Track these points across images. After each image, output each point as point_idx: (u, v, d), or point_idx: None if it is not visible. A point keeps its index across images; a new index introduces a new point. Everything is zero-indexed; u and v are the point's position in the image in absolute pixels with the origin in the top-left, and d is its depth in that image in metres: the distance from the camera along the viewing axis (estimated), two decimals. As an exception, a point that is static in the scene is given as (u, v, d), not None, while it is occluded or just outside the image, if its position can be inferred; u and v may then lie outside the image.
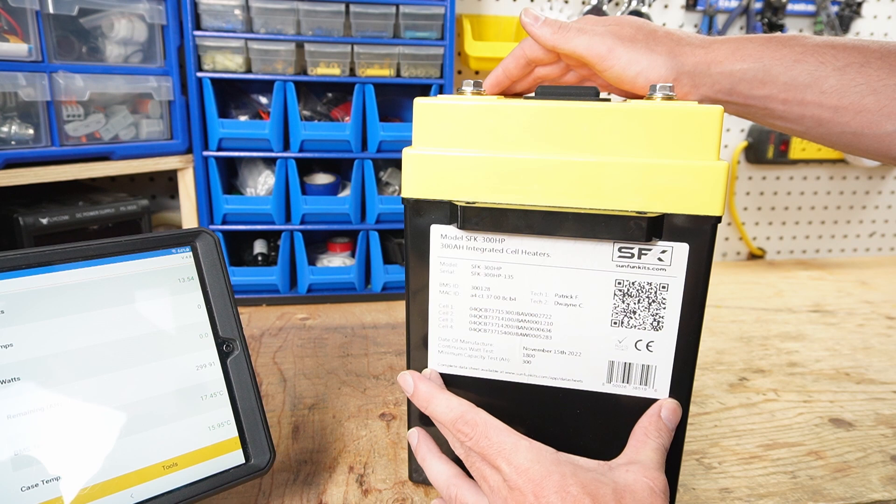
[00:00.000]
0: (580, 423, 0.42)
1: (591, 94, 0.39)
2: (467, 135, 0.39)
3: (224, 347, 0.42)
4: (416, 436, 0.44)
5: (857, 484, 0.48)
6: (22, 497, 0.34)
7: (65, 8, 0.68)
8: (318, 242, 0.94)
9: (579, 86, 0.39)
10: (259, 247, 0.90)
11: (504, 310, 0.41)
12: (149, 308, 0.40)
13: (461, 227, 0.39)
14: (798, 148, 1.11)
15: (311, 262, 0.89)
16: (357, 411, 0.57)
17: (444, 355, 0.43)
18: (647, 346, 0.40)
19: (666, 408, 0.39)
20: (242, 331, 0.43)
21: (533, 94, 0.42)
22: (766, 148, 1.11)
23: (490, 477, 0.37)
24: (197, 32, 0.77)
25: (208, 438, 0.40)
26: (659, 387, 0.40)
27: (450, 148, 0.39)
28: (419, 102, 0.39)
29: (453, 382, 0.43)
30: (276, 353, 0.69)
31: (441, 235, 0.41)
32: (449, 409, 0.39)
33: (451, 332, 0.43)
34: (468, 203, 0.39)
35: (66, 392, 0.36)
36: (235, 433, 0.41)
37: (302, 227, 0.85)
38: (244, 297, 0.85)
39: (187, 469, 0.39)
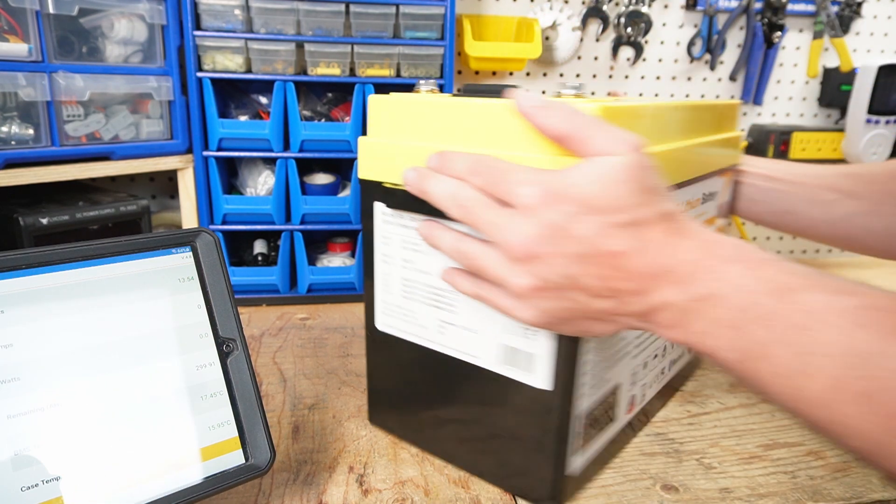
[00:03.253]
0: (479, 400, 0.45)
1: (499, 91, 0.42)
2: (402, 126, 0.44)
3: (224, 347, 0.42)
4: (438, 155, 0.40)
5: (857, 484, 0.48)
6: (22, 497, 0.34)
7: (65, 8, 0.68)
8: (318, 242, 0.94)
9: (499, 84, 0.44)
10: (259, 247, 0.90)
11: (424, 282, 0.46)
12: (149, 308, 0.40)
13: (388, 206, 0.46)
14: (798, 148, 1.11)
15: (311, 262, 0.89)
16: (357, 411, 0.57)
17: (385, 316, 0.49)
18: (533, 332, 0.41)
19: (517, 97, 0.37)
20: (242, 331, 0.43)
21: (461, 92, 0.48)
22: (766, 148, 1.11)
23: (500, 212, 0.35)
24: (197, 32, 0.77)
25: (208, 438, 0.40)
26: (540, 375, 0.41)
27: (386, 137, 0.45)
28: (372, 98, 0.46)
29: (391, 343, 0.49)
30: (276, 353, 0.69)
31: (382, 212, 0.47)
32: (464, 159, 0.37)
33: (391, 297, 0.48)
34: (394, 185, 0.44)
35: (66, 392, 0.36)
36: (235, 433, 0.41)
37: (302, 227, 0.85)
38: (244, 297, 0.85)
39: (187, 469, 0.39)
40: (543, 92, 1.05)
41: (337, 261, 0.90)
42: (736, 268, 0.32)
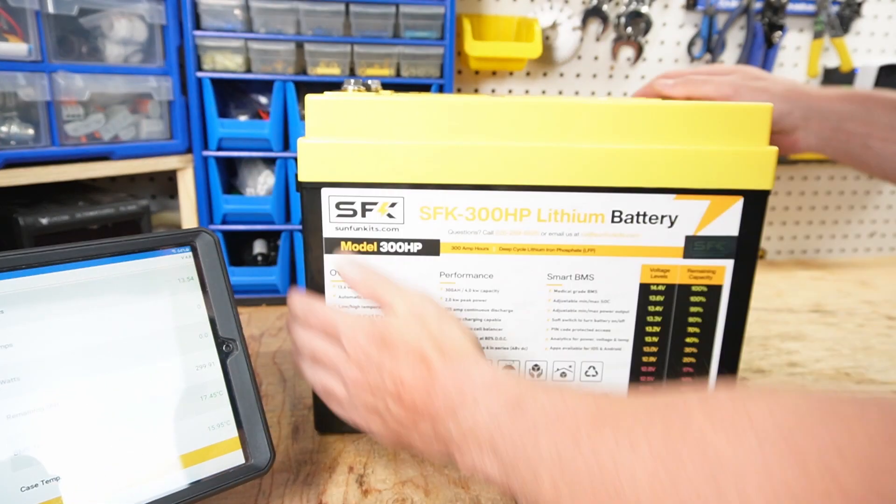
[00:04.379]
0: None
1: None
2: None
3: (224, 347, 0.42)
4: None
5: (857, 484, 0.48)
6: (22, 497, 0.34)
7: (65, 8, 0.68)
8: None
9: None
10: (259, 247, 0.90)
11: None
12: (149, 308, 0.40)
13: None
14: (798, 148, 1.11)
15: (311, 262, 0.89)
16: (357, 411, 0.57)
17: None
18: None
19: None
20: (242, 331, 0.43)
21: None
22: (766, 148, 1.11)
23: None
24: (197, 32, 0.77)
25: (208, 438, 0.40)
26: None
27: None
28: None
29: None
30: (276, 353, 0.69)
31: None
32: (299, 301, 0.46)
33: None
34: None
35: (66, 392, 0.36)
36: (235, 433, 0.41)
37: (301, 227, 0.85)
38: (244, 297, 0.85)
39: (187, 469, 0.39)
40: (543, 92, 1.05)
41: (337, 261, 0.90)
42: (487, 394, 0.36)
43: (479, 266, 0.48)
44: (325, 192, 0.46)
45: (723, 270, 0.48)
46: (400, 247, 0.47)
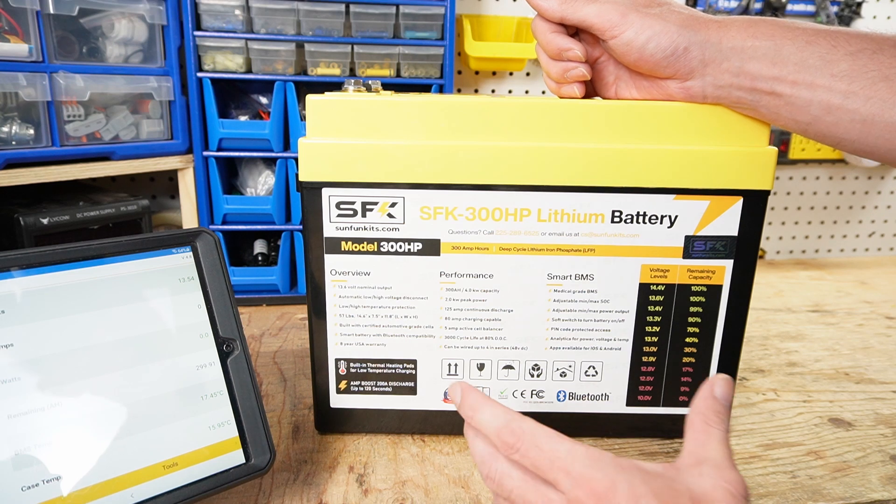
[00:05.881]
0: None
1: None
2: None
3: (224, 347, 0.42)
4: (460, 389, 0.37)
5: (857, 484, 0.48)
6: (22, 496, 0.34)
7: (65, 8, 0.68)
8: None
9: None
10: (259, 247, 0.90)
11: None
12: (149, 308, 0.40)
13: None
14: (798, 148, 1.11)
15: (312, 262, 0.89)
16: (357, 411, 0.57)
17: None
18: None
19: (719, 385, 0.35)
20: (242, 331, 0.43)
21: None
22: (765, 148, 1.11)
23: (545, 498, 0.32)
24: (197, 33, 0.78)
25: (208, 438, 0.40)
26: (313, 309, 0.50)
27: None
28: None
29: None
30: (276, 353, 0.69)
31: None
32: (494, 417, 0.35)
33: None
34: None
35: (66, 392, 0.37)
36: (235, 433, 0.41)
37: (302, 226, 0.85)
38: (244, 297, 0.85)
39: (187, 469, 0.39)
40: (543, 92, 1.05)
41: (337, 261, 0.90)
42: None
43: (479, 266, 0.48)
44: (325, 191, 0.46)
45: (722, 270, 0.48)
46: (400, 247, 0.47)
